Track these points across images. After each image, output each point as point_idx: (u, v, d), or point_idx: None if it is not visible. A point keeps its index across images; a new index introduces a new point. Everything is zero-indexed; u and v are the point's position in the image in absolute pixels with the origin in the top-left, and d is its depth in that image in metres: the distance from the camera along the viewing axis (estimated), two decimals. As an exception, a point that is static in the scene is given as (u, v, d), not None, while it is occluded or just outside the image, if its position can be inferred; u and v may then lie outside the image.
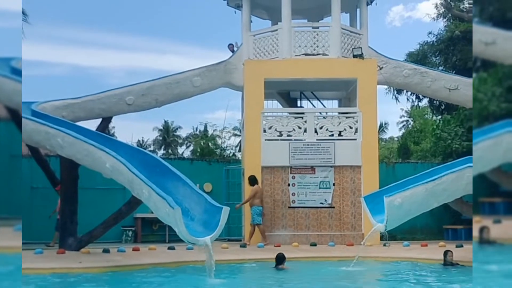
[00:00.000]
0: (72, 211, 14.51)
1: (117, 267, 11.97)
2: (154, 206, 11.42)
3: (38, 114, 14.61)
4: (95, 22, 75.62)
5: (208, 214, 11.60)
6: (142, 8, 74.95)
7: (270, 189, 17.66)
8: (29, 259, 12.54)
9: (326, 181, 17.75)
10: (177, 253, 14.34)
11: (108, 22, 76.20)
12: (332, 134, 18.03)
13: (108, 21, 75.82)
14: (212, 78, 18.45)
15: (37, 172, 16.41)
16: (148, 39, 79.70)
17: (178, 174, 12.79)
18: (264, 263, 12.96)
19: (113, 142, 14.24)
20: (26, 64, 65.51)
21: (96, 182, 16.63)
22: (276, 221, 17.57)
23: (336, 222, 17.61)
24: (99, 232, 14.25)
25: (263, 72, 17.99)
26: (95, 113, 17.10)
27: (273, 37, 18.42)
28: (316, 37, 18.34)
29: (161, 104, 18.04)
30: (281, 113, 19.19)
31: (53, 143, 13.41)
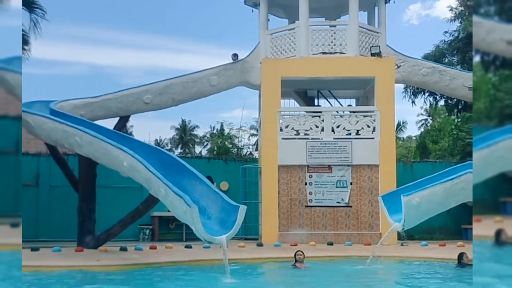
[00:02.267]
0: (90, 209, 14.62)
1: (135, 265, 12.03)
2: (171, 205, 11.44)
3: (57, 113, 14.72)
4: (113, 21, 76.07)
5: (225, 212, 11.59)
6: (160, 7, 75.21)
7: (286, 188, 17.62)
8: (48, 257, 12.67)
9: (343, 180, 17.68)
10: (194, 252, 14.36)
11: (125, 21, 76.63)
12: (350, 133, 17.96)
13: (126, 20, 76.26)
14: (229, 77, 18.45)
15: (55, 171, 16.52)
16: (166, 38, 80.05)
17: (195, 172, 12.80)
18: (282, 262, 12.95)
19: (131, 141, 14.29)
20: (44, 62, 66.21)
21: (114, 181, 16.71)
22: (293, 220, 17.54)
23: (353, 221, 17.53)
24: (116, 230, 14.32)
25: (280, 71, 17.96)
26: (113, 112, 17.19)
27: (290, 36, 18.38)
28: (334, 36, 18.27)
29: (178, 103, 18.08)
30: (298, 112, 19.15)
31: (71, 141, 13.50)
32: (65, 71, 71.44)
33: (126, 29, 77.73)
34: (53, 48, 72.08)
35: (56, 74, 69.57)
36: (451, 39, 24.38)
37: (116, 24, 76.69)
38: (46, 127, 13.94)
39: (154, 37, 78.98)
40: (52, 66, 71.26)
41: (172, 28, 76.41)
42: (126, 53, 73.32)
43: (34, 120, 14.18)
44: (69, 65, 72.25)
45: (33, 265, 11.42)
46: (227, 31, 77.55)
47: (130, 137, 17.48)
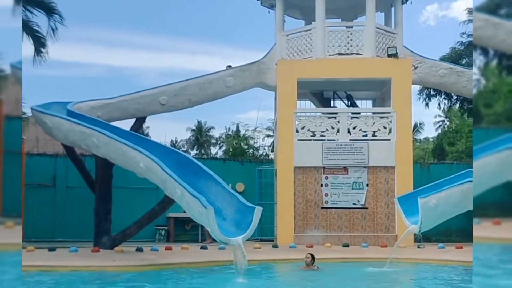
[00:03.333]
0: (107, 210, 14.69)
1: (150, 266, 12.07)
2: (187, 206, 11.47)
3: (74, 114, 14.82)
4: (129, 23, 76.49)
5: (240, 214, 11.61)
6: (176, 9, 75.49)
7: (302, 189, 17.58)
8: (65, 257, 12.75)
9: (359, 181, 17.60)
10: (209, 253, 14.38)
11: (142, 23, 76.92)
12: (366, 135, 17.87)
13: (142, 22, 76.53)
14: (245, 78, 18.45)
15: (72, 171, 16.63)
16: (183, 40, 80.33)
17: (211, 173, 12.83)
18: (297, 264, 12.92)
19: (147, 142, 14.35)
20: (61, 64, 66.69)
21: (130, 182, 16.79)
22: (308, 221, 17.49)
23: (369, 223, 17.44)
24: (132, 231, 14.38)
25: (296, 72, 17.92)
26: (130, 113, 17.26)
27: (306, 37, 18.34)
28: (350, 37, 18.19)
29: (194, 104, 18.11)
30: (314, 113, 19.08)
31: (88, 142, 13.59)
32: (82, 73, 71.92)
33: (143, 31, 78.13)
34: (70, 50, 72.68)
35: (73, 76, 70.10)
36: (468, 40, 24.17)
37: (132, 26, 77.13)
38: (64, 128, 14.04)
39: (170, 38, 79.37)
40: (69, 67, 71.77)
41: (189, 30, 76.70)
42: (142, 55, 73.68)
43: (51, 121, 14.28)
44: (86, 67, 72.72)
45: (50, 265, 11.55)
46: (243, 33, 77.64)
47: (147, 138, 17.53)
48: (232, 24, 76.13)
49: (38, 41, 16.55)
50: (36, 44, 16.57)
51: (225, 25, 76.81)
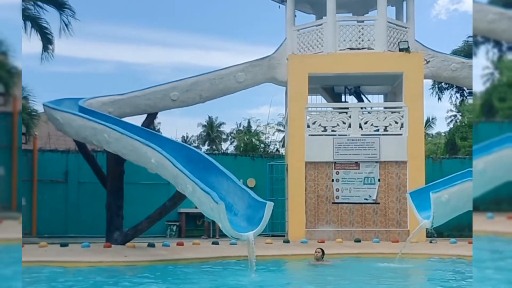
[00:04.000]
0: (118, 206, 14.75)
1: (162, 261, 12.13)
2: (198, 201, 11.49)
3: (85, 110, 14.88)
4: (141, 19, 76.58)
5: (251, 209, 11.59)
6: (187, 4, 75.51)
7: (313, 185, 17.55)
8: (77, 253, 12.82)
9: (371, 176, 17.54)
10: (220, 248, 14.40)
11: (153, 19, 77.05)
12: (377, 129, 17.79)
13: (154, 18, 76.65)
14: (256, 73, 18.41)
15: (84, 167, 16.70)
16: (193, 36, 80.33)
17: (222, 169, 12.83)
18: (308, 259, 12.91)
19: (158, 138, 14.40)
20: (74, 61, 66.92)
21: (141, 177, 16.84)
22: (320, 216, 17.47)
23: (381, 218, 17.39)
24: (144, 226, 14.43)
25: (307, 67, 17.86)
26: (141, 109, 17.29)
27: (317, 32, 18.27)
28: (361, 31, 18.10)
29: (205, 100, 18.11)
30: (325, 108, 19.03)
31: (99, 138, 13.63)
32: (93, 69, 72.18)
33: (154, 26, 78.21)
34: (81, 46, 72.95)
35: (85, 72, 70.35)
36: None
37: (144, 21, 77.23)
38: (75, 124, 14.11)
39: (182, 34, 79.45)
40: (81, 64, 72.08)
41: (200, 25, 76.74)
42: (154, 51, 73.86)
43: (63, 117, 14.35)
44: (98, 63, 73.04)
45: (62, 261, 11.63)
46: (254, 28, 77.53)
47: (158, 134, 17.59)
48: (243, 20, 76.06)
49: (46, 38, 16.62)
50: (44, 41, 16.63)
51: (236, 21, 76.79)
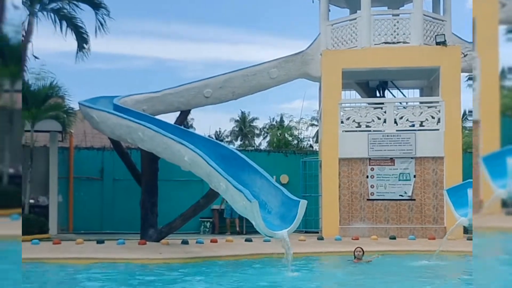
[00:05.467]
0: (153, 203, 14.84)
1: (196, 259, 12.15)
2: (232, 199, 11.48)
3: (120, 108, 15.01)
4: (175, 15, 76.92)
5: (285, 207, 11.53)
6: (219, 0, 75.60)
7: (347, 181, 17.38)
8: (113, 249, 12.94)
9: (406, 173, 17.28)
10: (254, 245, 14.37)
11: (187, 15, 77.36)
12: (413, 125, 17.50)
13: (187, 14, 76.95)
14: (289, 69, 18.30)
15: (119, 165, 16.85)
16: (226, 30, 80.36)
17: (255, 166, 12.78)
18: (342, 256, 12.80)
19: (192, 136, 14.44)
20: (109, 57, 67.72)
21: (175, 174, 16.90)
22: (354, 213, 17.29)
23: (416, 215, 17.12)
24: (178, 224, 14.49)
25: (341, 62, 17.66)
26: (174, 107, 17.38)
27: (351, 26, 18.04)
28: (397, 25, 17.81)
29: (237, 97, 18.11)
30: (360, 103, 18.82)
31: (134, 136, 13.73)
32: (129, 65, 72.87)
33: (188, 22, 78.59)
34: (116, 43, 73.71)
35: (119, 68, 71.05)
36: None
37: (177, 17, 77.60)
38: (110, 123, 14.24)
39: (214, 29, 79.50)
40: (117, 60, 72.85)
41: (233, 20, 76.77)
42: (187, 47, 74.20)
43: (98, 116, 14.50)
44: (134, 60, 73.66)
45: (98, 258, 11.76)
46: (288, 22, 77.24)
47: (191, 131, 17.65)
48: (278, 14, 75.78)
49: (81, 37, 16.83)
50: (79, 40, 16.84)
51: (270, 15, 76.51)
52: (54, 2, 16.37)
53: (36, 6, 16.11)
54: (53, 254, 12.03)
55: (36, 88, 15.83)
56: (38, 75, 15.91)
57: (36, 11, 16.10)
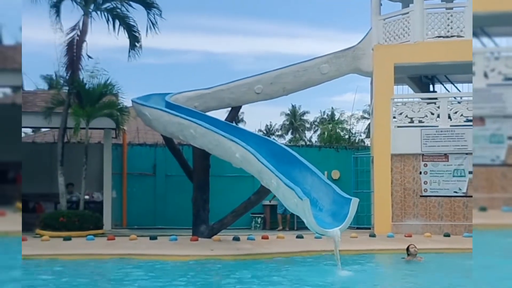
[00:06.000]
0: (204, 199, 14.97)
1: (247, 255, 12.23)
2: (283, 197, 11.48)
3: (172, 106, 15.19)
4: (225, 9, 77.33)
5: (336, 205, 11.47)
6: (269, -7, 75.52)
7: (400, 177, 17.13)
8: (165, 246, 13.14)
9: (461, 169, 16.92)
10: (305, 242, 14.32)
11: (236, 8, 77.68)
12: (468, 120, 17.11)
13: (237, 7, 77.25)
14: (340, 64, 18.13)
15: (171, 161, 17.06)
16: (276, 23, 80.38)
17: (306, 163, 12.75)
18: (395, 254, 12.64)
19: (242, 132, 14.49)
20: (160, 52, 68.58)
21: (226, 170, 16.99)
22: (407, 210, 17.05)
23: (472, 212, 16.74)
24: (229, 220, 14.58)
25: (393, 57, 17.39)
26: (225, 103, 17.47)
27: (404, 20, 17.72)
28: (450, 18, 17.40)
29: (288, 92, 18.06)
30: (412, 98, 18.50)
31: (186, 134, 13.89)
32: (179, 59, 73.72)
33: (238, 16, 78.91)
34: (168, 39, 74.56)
35: (170, 63, 71.95)
36: None
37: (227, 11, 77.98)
38: (162, 120, 14.43)
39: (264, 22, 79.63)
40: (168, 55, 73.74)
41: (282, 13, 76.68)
42: (237, 40, 74.60)
43: (151, 113, 14.72)
44: (184, 54, 74.47)
45: (151, 254, 11.97)
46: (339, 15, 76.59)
47: (242, 128, 17.76)
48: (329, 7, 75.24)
49: (133, 36, 17.09)
50: (131, 39, 17.09)
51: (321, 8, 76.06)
52: (108, 2, 16.67)
53: (91, 6, 16.41)
54: (108, 250, 12.29)
55: (90, 86, 16.16)
56: (92, 74, 16.22)
57: (91, 11, 16.41)
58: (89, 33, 16.35)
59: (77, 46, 16.13)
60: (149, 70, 68.13)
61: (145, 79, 62.37)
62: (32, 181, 16.51)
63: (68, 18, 16.84)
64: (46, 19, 16.29)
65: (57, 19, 16.56)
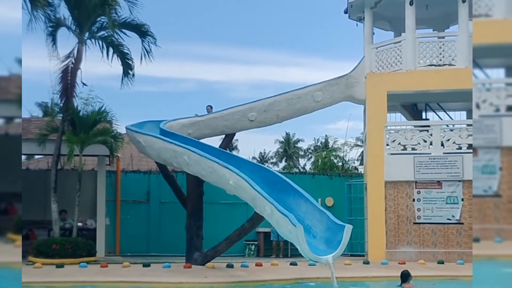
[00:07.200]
0: (198, 226, 14.96)
1: (241, 283, 12.16)
2: (276, 223, 11.49)
3: (166, 133, 15.25)
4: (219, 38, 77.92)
5: (330, 232, 11.51)
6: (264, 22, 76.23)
7: (393, 204, 17.17)
8: (158, 273, 13.07)
9: (454, 196, 16.97)
10: (299, 269, 14.27)
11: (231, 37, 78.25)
12: (460, 147, 17.21)
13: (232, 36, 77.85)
14: (333, 92, 18.27)
15: (165, 188, 17.06)
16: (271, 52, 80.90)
17: (300, 190, 12.80)
18: (389, 281, 12.60)
19: (236, 159, 14.56)
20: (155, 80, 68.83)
21: (220, 197, 17.00)
22: (400, 237, 17.05)
23: (465, 239, 16.74)
24: (223, 247, 14.55)
25: (386, 85, 17.57)
26: (219, 130, 17.56)
27: (396, 49, 17.94)
28: (442, 47, 17.61)
29: (282, 120, 18.16)
30: (405, 126, 18.62)
31: (179, 160, 13.93)
32: (174, 88, 73.97)
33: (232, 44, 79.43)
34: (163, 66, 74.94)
35: (165, 91, 72.17)
36: None
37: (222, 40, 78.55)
38: (156, 147, 14.49)
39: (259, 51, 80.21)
40: (163, 83, 74.00)
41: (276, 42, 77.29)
42: (232, 68, 74.93)
43: (145, 140, 14.77)
44: (179, 82, 74.76)
45: (144, 281, 11.89)
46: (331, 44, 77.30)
47: (236, 155, 17.81)
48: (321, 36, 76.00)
49: (126, 64, 17.27)
50: (124, 66, 17.25)
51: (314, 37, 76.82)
52: (103, 30, 16.84)
53: (85, 34, 16.57)
54: (101, 278, 12.22)
55: (85, 113, 16.23)
56: (86, 101, 16.30)
57: (85, 39, 16.56)
58: (84, 61, 16.51)
59: (72, 74, 16.25)
60: (144, 97, 68.35)
61: (140, 106, 62.52)
62: (25, 208, 16.45)
63: (63, 46, 16.98)
64: (40, 48, 16.47)
65: (53, 47, 16.72)
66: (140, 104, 63.92)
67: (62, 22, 16.68)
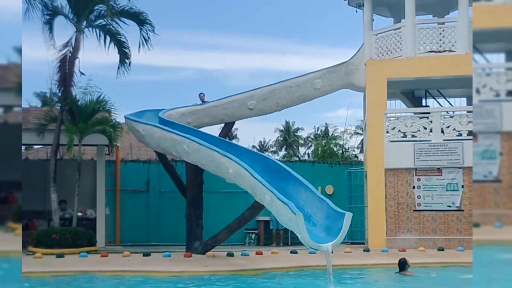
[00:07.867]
0: (198, 215, 14.93)
1: (241, 271, 12.16)
2: (277, 212, 11.46)
3: (165, 122, 15.20)
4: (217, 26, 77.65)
5: (330, 219, 11.45)
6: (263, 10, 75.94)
7: (393, 192, 17.14)
8: (159, 262, 13.06)
9: (454, 183, 16.94)
10: (299, 258, 14.29)
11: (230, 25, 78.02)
12: (460, 134, 17.16)
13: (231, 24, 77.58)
14: (333, 79, 18.20)
15: (164, 177, 17.02)
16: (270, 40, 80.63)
17: (300, 179, 12.75)
18: (389, 269, 12.60)
19: (236, 148, 14.52)
20: (154, 69, 68.66)
21: (220, 186, 16.97)
22: (400, 224, 17.04)
23: (465, 226, 16.72)
24: (223, 236, 14.53)
25: (386, 72, 17.48)
26: (219, 119, 17.50)
27: (396, 35, 17.84)
28: (442, 33, 17.52)
29: (281, 108, 18.10)
30: (405, 113, 18.56)
31: (179, 149, 13.88)
32: (174, 76, 73.81)
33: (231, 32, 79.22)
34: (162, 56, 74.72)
35: (164, 80, 72.00)
36: None
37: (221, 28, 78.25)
38: (156, 136, 14.43)
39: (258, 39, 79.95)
40: (162, 72, 73.83)
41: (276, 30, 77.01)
42: (231, 57, 74.71)
43: (144, 129, 14.72)
44: (178, 71, 74.57)
45: (145, 270, 11.89)
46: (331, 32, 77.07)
47: (236, 144, 17.77)
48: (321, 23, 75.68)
49: (123, 52, 17.18)
50: (121, 55, 17.17)
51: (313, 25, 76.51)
52: (100, 19, 16.74)
53: (83, 23, 16.46)
54: (101, 267, 12.23)
55: (83, 103, 16.16)
56: (85, 90, 16.23)
57: (83, 28, 16.46)
58: (82, 50, 16.43)
59: (70, 63, 16.17)
60: (143, 86, 68.18)
61: (139, 96, 62.42)
62: (24, 198, 16.42)
63: (60, 35, 16.89)
64: (38, 37, 16.39)
65: (50, 36, 16.63)
66: (139, 93, 63.82)
67: (59, 11, 16.60)
